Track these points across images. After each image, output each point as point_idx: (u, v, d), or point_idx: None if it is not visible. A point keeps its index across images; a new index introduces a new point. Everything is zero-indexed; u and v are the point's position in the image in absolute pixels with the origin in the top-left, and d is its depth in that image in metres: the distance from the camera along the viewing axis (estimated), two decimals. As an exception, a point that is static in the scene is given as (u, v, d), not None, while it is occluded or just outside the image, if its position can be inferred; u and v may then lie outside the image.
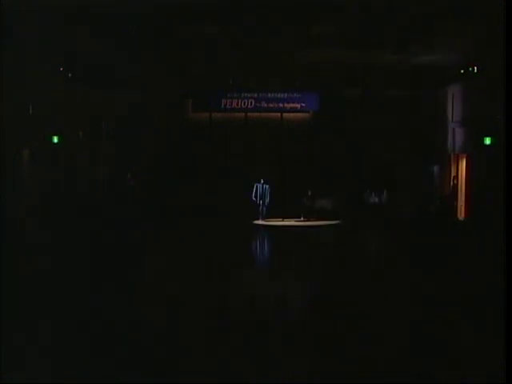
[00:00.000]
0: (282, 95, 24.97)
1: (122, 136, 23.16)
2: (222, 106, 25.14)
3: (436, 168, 23.91)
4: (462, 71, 20.04)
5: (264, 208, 22.73)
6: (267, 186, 22.40)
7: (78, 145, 20.61)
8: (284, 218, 23.03)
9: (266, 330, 7.79)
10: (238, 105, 24.99)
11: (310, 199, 23.48)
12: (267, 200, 22.52)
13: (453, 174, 22.59)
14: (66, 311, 8.97)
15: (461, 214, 21.66)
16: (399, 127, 24.08)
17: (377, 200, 23.58)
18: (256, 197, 22.52)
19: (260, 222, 22.46)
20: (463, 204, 21.58)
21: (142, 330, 7.79)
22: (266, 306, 9.51)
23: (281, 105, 25.14)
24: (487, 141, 17.74)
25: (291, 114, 25.33)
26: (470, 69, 19.52)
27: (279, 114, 25.31)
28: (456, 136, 22.14)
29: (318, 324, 8.58)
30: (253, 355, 6.92)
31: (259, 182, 22.56)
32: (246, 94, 24.91)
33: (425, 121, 24.08)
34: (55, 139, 19.39)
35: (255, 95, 24.97)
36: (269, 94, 24.92)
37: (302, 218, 23.38)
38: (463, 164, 21.81)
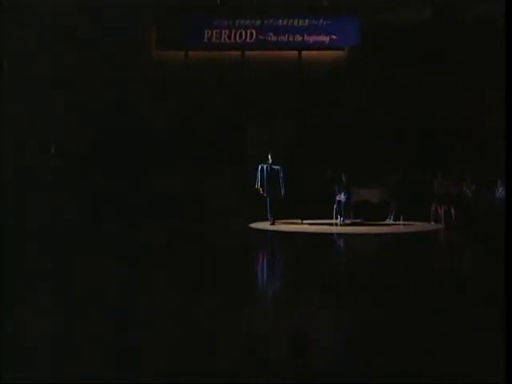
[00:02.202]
0: (301, 22, 20.55)
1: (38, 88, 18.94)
2: (205, 41, 20.45)
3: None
4: None
5: (273, 202, 17.97)
6: (278, 168, 17.72)
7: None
8: (304, 219, 18.31)
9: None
10: (230, 38, 20.53)
11: (344, 188, 18.45)
12: (279, 190, 17.95)
13: None
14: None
15: None
16: (489, 71, 18.96)
17: (453, 189, 18.18)
18: (261, 185, 17.92)
19: (268, 225, 17.80)
20: None
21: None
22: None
23: (298, 37, 20.54)
24: None
25: (315, 53, 20.75)
26: None
27: (296, 53, 20.72)
28: None
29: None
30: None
31: (266, 162, 17.77)
32: (242, 21, 20.43)
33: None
34: None
35: (257, 23, 20.42)
36: (279, 21, 20.39)
37: (338, 220, 18.25)
38: None
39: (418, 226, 17.44)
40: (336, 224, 17.84)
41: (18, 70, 18.66)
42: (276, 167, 17.47)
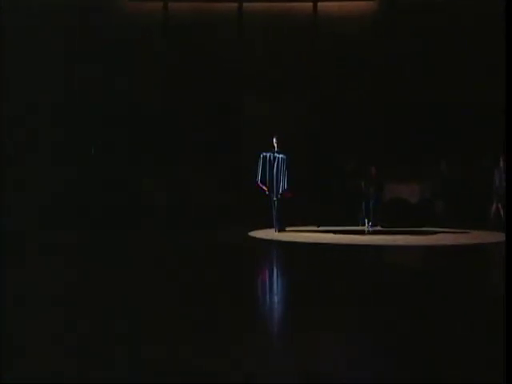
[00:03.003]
0: (316, -37, 18.76)
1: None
2: (190, -12, 18.65)
3: None
4: None
5: (279, 202, 15.35)
6: (282, 157, 15.26)
7: None
8: (320, 224, 16.02)
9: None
10: (222, -14, 18.84)
11: (374, 183, 16.20)
12: (285, 185, 15.37)
13: None
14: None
15: None
16: None
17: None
18: (264, 180, 15.29)
19: (273, 234, 15.25)
20: None
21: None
22: None
23: (313, -16, 18.93)
24: None
25: (334, 4, 18.49)
26: None
27: (310, 5, 18.47)
28: None
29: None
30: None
31: (270, 150, 15.19)
32: (238, -38, 19.04)
33: None
34: None
35: (259, -36, 18.67)
36: (287, -38, 18.76)
37: (366, 226, 16.02)
38: None
39: (474, 235, 14.31)
40: (363, 231, 15.38)
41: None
42: (281, 157, 14.80)
